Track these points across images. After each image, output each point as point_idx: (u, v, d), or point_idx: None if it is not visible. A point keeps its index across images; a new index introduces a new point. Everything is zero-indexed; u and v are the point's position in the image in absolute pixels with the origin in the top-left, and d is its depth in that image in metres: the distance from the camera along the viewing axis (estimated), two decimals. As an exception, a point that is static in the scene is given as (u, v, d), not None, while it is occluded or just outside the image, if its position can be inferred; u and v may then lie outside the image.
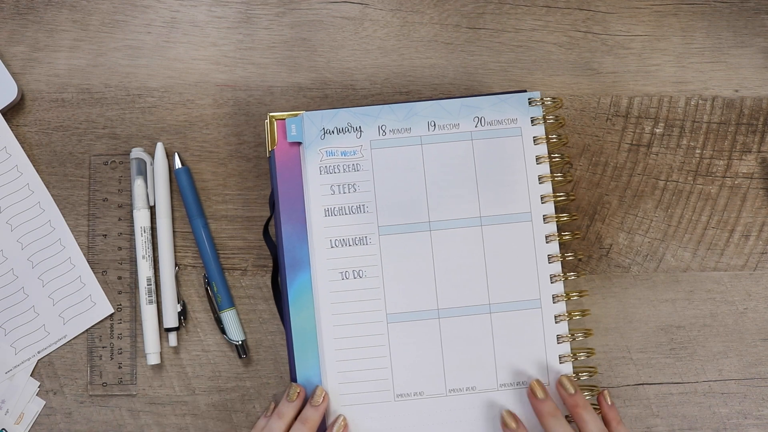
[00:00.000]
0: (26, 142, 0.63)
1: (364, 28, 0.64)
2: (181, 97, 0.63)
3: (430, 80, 0.64)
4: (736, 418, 0.62)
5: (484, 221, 0.57)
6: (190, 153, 0.63)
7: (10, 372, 0.60)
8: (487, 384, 0.56)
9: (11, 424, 0.60)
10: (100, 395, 0.61)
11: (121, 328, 0.61)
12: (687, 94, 0.64)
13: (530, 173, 0.57)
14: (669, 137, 0.64)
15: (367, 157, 0.57)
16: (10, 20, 0.63)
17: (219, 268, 0.61)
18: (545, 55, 0.64)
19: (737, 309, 0.62)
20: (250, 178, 0.63)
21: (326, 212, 0.57)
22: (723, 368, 0.62)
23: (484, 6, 0.65)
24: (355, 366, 0.56)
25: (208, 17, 0.64)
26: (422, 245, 0.57)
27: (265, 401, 0.61)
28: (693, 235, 0.63)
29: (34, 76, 0.63)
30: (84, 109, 0.63)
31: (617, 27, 0.65)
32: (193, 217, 0.61)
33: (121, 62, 0.63)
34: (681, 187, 0.63)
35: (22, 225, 0.61)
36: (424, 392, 0.56)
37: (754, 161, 0.64)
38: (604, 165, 0.63)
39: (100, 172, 0.62)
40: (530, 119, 0.57)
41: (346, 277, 0.56)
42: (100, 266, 0.62)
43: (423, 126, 0.57)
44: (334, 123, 0.57)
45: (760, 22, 0.65)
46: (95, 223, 0.62)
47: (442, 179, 0.57)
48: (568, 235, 0.57)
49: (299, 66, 0.64)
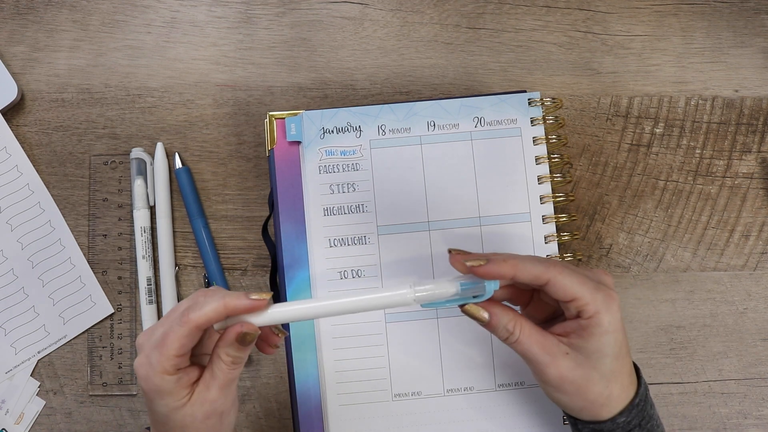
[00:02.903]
0: (26, 142, 0.63)
1: (364, 28, 0.64)
2: (181, 97, 0.63)
3: (430, 80, 0.64)
4: (736, 418, 0.61)
5: (483, 221, 0.57)
6: (190, 153, 0.63)
7: (10, 372, 0.61)
8: (486, 384, 0.56)
9: (11, 424, 0.60)
10: (100, 395, 0.61)
11: (121, 328, 0.61)
12: (687, 94, 0.64)
13: (530, 173, 0.57)
14: (669, 137, 0.64)
15: (367, 156, 0.57)
16: (10, 20, 0.63)
17: (219, 268, 0.61)
18: (545, 55, 0.64)
19: (737, 309, 0.62)
20: (250, 178, 0.63)
21: (325, 211, 0.57)
22: (723, 368, 0.62)
23: (484, 6, 0.65)
24: (353, 365, 0.56)
25: (208, 17, 0.64)
26: (421, 245, 0.57)
27: (265, 401, 0.61)
28: (693, 235, 0.63)
29: (34, 76, 0.63)
30: (84, 109, 0.63)
31: (617, 27, 0.65)
32: (193, 217, 0.61)
33: (121, 62, 0.63)
34: (681, 187, 0.63)
35: (22, 225, 0.61)
36: (422, 392, 0.56)
37: (754, 161, 0.63)
38: (604, 165, 0.63)
39: (100, 172, 0.62)
40: (530, 119, 0.57)
41: (345, 276, 0.56)
42: (100, 266, 0.62)
43: (423, 126, 0.57)
44: (333, 122, 0.57)
45: (760, 22, 0.65)
46: (95, 223, 0.62)
47: (441, 179, 0.57)
48: (567, 235, 0.57)
49: (299, 66, 0.64)
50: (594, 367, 0.45)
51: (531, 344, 0.45)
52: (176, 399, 0.44)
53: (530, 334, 0.46)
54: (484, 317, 0.46)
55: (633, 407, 0.46)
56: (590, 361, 0.45)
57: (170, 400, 0.44)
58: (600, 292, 0.45)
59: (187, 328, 0.42)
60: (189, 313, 0.43)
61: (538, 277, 0.45)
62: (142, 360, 0.44)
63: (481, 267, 0.45)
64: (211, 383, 0.45)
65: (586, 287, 0.45)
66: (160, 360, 0.43)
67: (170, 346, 0.43)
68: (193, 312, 0.43)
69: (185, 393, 0.44)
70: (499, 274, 0.45)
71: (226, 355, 0.44)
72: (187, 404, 0.44)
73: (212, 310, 0.43)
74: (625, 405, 0.46)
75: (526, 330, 0.46)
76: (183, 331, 0.42)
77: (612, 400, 0.46)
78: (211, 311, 0.43)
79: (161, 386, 0.43)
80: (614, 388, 0.46)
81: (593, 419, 0.47)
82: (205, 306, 0.43)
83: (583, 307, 0.44)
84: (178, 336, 0.42)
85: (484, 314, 0.46)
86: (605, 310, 0.45)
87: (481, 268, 0.45)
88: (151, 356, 0.43)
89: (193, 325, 0.42)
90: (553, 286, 0.44)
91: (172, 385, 0.44)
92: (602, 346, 0.45)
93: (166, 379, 0.43)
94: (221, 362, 0.45)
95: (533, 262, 0.45)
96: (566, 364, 0.45)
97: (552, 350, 0.45)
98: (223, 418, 0.46)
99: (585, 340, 0.45)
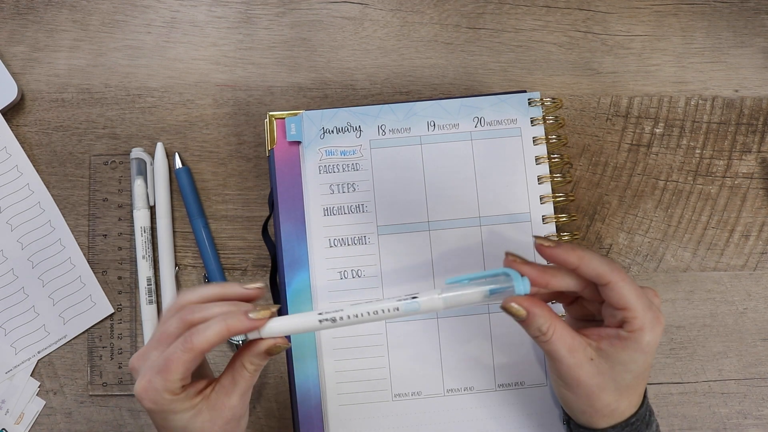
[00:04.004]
0: (26, 142, 0.63)
1: (364, 28, 0.64)
2: (181, 97, 0.63)
3: (430, 80, 0.64)
4: (736, 418, 0.61)
5: (483, 221, 0.57)
6: (190, 153, 0.63)
7: (10, 372, 0.61)
8: (486, 384, 0.56)
9: (11, 424, 0.60)
10: (100, 395, 0.61)
11: (121, 328, 0.61)
12: (687, 94, 0.64)
13: (530, 174, 0.57)
14: (669, 137, 0.64)
15: (367, 156, 0.57)
16: (10, 20, 0.63)
17: (219, 268, 0.61)
18: (545, 55, 0.64)
19: (737, 309, 0.62)
20: (250, 178, 0.63)
21: (325, 211, 0.57)
22: (723, 368, 0.62)
23: (484, 6, 0.65)
24: (353, 365, 0.56)
25: (208, 17, 0.64)
26: (421, 245, 0.57)
27: (265, 401, 0.61)
28: (693, 235, 0.63)
29: (34, 76, 0.63)
30: (84, 109, 0.63)
31: (617, 27, 0.65)
32: (193, 217, 0.61)
33: (121, 62, 0.63)
34: (681, 187, 0.63)
35: (22, 225, 0.61)
36: (422, 392, 0.56)
37: (754, 161, 0.63)
38: (604, 165, 0.63)
39: (100, 172, 0.62)
40: (530, 119, 0.57)
41: (345, 276, 0.56)
42: (100, 266, 0.62)
43: (422, 126, 0.57)
44: (333, 122, 0.57)
45: (760, 22, 0.65)
46: (95, 223, 0.62)
47: (441, 179, 0.57)
48: (567, 235, 0.57)
49: (299, 66, 0.64)
50: (614, 378, 0.45)
51: (560, 345, 0.45)
52: (189, 410, 0.44)
53: (562, 336, 0.45)
54: (522, 314, 0.45)
55: (627, 424, 0.47)
56: (612, 371, 0.45)
57: (184, 414, 0.44)
58: (651, 312, 0.45)
59: (191, 354, 0.42)
60: (192, 338, 0.43)
61: (601, 276, 0.45)
62: (146, 385, 0.43)
63: (549, 248, 0.45)
64: (231, 390, 0.45)
65: (641, 302, 0.44)
66: (166, 385, 0.43)
67: (175, 371, 0.43)
68: (196, 337, 0.42)
69: (197, 402, 0.45)
70: (564, 260, 0.45)
71: (250, 364, 0.45)
72: (204, 411, 0.45)
73: (215, 335, 0.43)
74: (621, 420, 0.47)
75: (559, 331, 0.45)
76: (187, 357, 0.42)
77: (616, 413, 0.46)
78: (213, 336, 0.43)
79: (172, 407, 0.44)
80: (622, 403, 0.46)
81: (588, 425, 0.48)
82: (207, 331, 0.43)
83: (631, 320, 0.44)
84: (183, 361, 0.42)
85: (521, 311, 0.45)
86: (650, 330, 0.44)
87: (549, 250, 0.45)
88: (154, 381, 0.43)
89: (197, 351, 0.42)
90: (613, 289, 0.44)
91: (182, 403, 0.44)
92: (631, 362, 0.45)
93: (174, 399, 0.43)
94: (245, 371, 0.45)
95: (600, 261, 0.45)
96: (588, 370, 0.45)
97: (578, 354, 0.45)
98: (240, 422, 0.47)
99: (617, 350, 0.45)
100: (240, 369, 0.45)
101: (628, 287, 0.44)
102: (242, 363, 0.45)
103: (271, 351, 0.45)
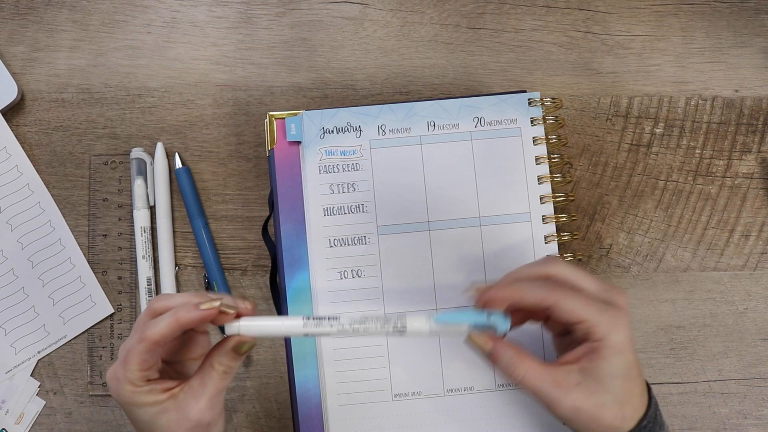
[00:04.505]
0: (26, 142, 0.63)
1: (364, 28, 0.64)
2: (181, 97, 0.63)
3: (430, 80, 0.64)
4: (736, 418, 0.61)
5: (483, 221, 0.57)
6: (190, 153, 0.63)
7: (10, 372, 0.61)
8: (486, 384, 0.56)
9: (11, 424, 0.60)
10: (100, 395, 0.61)
11: (121, 328, 0.61)
12: (687, 94, 0.64)
13: (530, 174, 0.57)
14: (669, 137, 0.64)
15: (367, 156, 0.57)
16: (10, 20, 0.63)
17: (219, 268, 0.61)
18: (545, 55, 0.64)
19: (737, 309, 0.62)
20: (250, 178, 0.63)
21: (325, 211, 0.57)
22: (723, 368, 0.62)
23: (484, 6, 0.65)
24: (353, 366, 0.56)
25: (208, 17, 0.64)
26: (421, 245, 0.57)
27: (265, 401, 0.61)
28: (693, 235, 0.63)
29: (34, 76, 0.63)
30: (84, 109, 0.63)
31: (617, 27, 0.65)
32: (193, 217, 0.61)
33: (121, 62, 0.63)
34: (681, 187, 0.63)
35: (22, 225, 0.61)
36: (422, 392, 0.56)
37: (754, 161, 0.63)
38: (604, 165, 0.63)
39: (100, 172, 0.62)
40: (530, 119, 0.57)
41: (345, 276, 0.56)
42: (100, 266, 0.62)
43: (423, 126, 0.57)
44: (333, 122, 0.57)
45: (760, 22, 0.65)
46: (95, 223, 0.62)
47: (441, 179, 0.57)
48: (567, 235, 0.57)
49: (299, 66, 0.64)
50: (606, 390, 0.45)
51: (540, 382, 0.45)
52: (153, 406, 0.45)
53: (538, 373, 0.45)
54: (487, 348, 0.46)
55: (641, 429, 0.46)
56: (602, 385, 0.45)
57: (148, 409, 0.45)
58: (607, 313, 0.44)
59: (144, 345, 0.43)
60: (146, 330, 0.44)
61: (541, 302, 0.45)
62: (110, 374, 0.45)
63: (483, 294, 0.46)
64: (200, 393, 0.45)
65: (593, 309, 0.44)
66: (126, 375, 0.44)
67: (132, 362, 0.44)
68: (149, 329, 0.44)
69: (163, 398, 0.45)
70: (502, 298, 0.45)
71: (219, 364, 0.45)
72: (171, 410, 0.45)
73: (166, 326, 0.43)
74: (633, 426, 0.45)
75: (533, 370, 0.45)
76: (141, 347, 0.43)
77: (625, 421, 0.45)
78: (164, 328, 0.43)
79: (133, 399, 0.44)
80: (627, 410, 0.45)
81: None
82: (159, 323, 0.44)
83: (590, 329, 0.44)
84: (138, 352, 0.44)
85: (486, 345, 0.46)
86: (613, 331, 0.44)
87: (483, 296, 0.46)
88: (117, 371, 0.45)
89: (150, 342, 0.43)
90: (558, 309, 0.44)
91: (144, 397, 0.44)
92: (612, 368, 0.44)
93: (136, 391, 0.44)
94: (213, 371, 0.45)
95: (538, 287, 0.45)
96: (578, 395, 0.45)
97: (562, 384, 0.45)
98: (209, 429, 0.46)
99: (595, 363, 0.44)
100: (209, 369, 0.45)
101: (571, 301, 0.44)
102: (211, 363, 0.45)
103: (237, 349, 0.45)
